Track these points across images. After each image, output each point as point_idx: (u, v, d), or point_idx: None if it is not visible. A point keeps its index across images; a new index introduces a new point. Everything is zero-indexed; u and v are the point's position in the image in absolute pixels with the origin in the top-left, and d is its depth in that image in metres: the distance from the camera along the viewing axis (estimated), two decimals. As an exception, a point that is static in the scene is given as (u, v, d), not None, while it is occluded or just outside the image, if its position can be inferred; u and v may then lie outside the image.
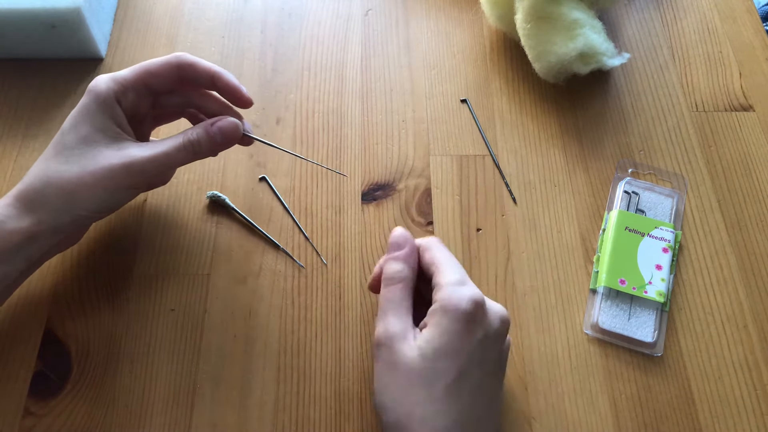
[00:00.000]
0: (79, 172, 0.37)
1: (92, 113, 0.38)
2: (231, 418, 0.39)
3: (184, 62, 0.40)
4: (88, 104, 0.38)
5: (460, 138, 0.50)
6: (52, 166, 0.37)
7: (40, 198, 0.36)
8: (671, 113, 0.52)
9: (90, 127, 0.37)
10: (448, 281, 0.34)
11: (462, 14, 0.57)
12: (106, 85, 0.38)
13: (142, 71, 0.39)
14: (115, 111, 0.38)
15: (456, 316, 0.33)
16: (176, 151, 0.38)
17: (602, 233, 0.46)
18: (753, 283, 0.45)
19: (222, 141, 0.40)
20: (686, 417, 0.40)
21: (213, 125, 0.39)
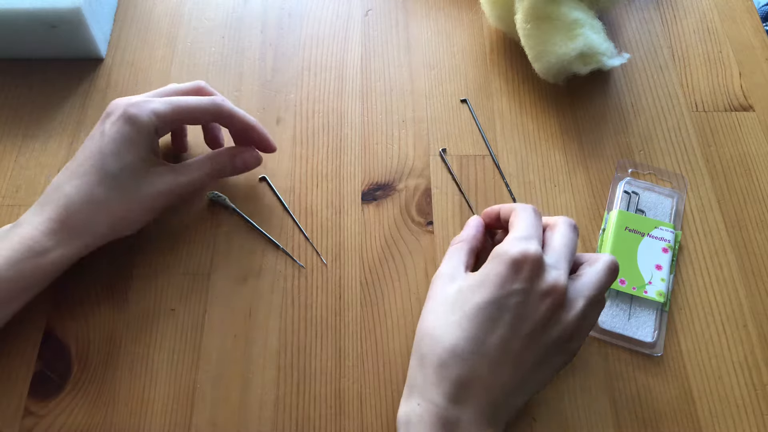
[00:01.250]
0: (127, 202, 0.39)
1: (135, 143, 0.39)
2: (231, 418, 0.39)
3: (224, 112, 0.42)
4: (130, 133, 0.39)
5: (460, 138, 0.50)
6: (97, 193, 0.38)
7: (88, 225, 0.38)
8: (671, 113, 0.52)
9: (133, 157, 0.39)
10: (513, 234, 0.36)
11: (462, 14, 0.57)
12: (149, 118, 0.39)
13: (182, 112, 0.41)
14: (154, 142, 0.41)
15: (501, 260, 0.35)
16: (205, 176, 0.42)
17: (602, 233, 0.46)
18: (753, 283, 0.45)
19: (244, 169, 0.45)
20: (686, 417, 0.40)
21: (237, 157, 0.44)
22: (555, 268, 0.35)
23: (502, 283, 0.34)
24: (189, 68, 0.53)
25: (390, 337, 0.42)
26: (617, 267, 0.37)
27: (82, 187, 0.38)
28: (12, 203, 0.46)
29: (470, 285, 0.35)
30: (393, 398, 0.40)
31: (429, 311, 0.36)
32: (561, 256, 0.36)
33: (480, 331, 0.34)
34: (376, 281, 0.44)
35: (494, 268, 0.35)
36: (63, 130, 0.49)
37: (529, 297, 0.34)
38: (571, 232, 0.38)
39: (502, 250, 0.35)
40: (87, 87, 0.52)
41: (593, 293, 0.36)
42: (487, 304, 0.34)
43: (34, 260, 0.37)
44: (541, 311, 0.34)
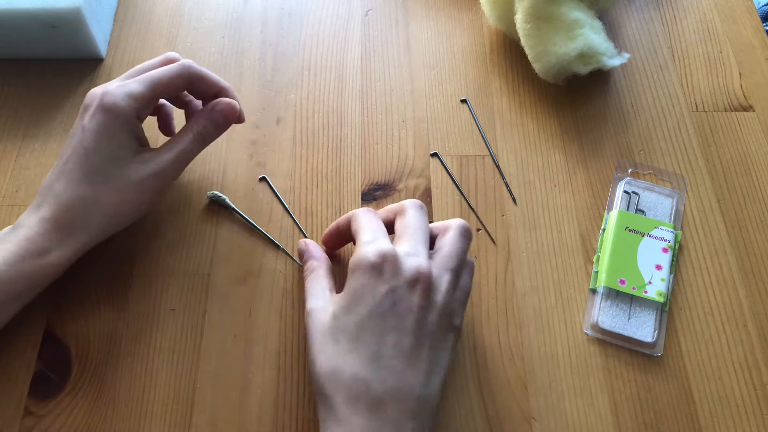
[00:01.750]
0: (117, 194, 0.38)
1: (115, 132, 0.38)
2: (231, 418, 0.39)
3: (194, 75, 0.41)
4: (108, 123, 0.38)
5: (460, 138, 0.50)
6: (85, 190, 0.37)
7: (81, 222, 0.38)
8: (671, 113, 0.52)
9: (115, 147, 0.38)
10: (359, 242, 0.36)
11: (462, 14, 0.57)
12: (126, 103, 0.38)
13: (157, 86, 0.39)
14: (136, 128, 0.40)
15: (360, 270, 0.35)
16: (190, 146, 0.41)
17: (602, 233, 0.46)
18: (753, 283, 0.45)
19: (224, 122, 0.42)
20: (686, 417, 0.40)
21: (213, 111, 0.42)
22: (412, 255, 0.35)
23: (371, 292, 0.34)
24: (189, 68, 0.53)
25: (390, 337, 0.42)
26: (467, 228, 0.38)
27: (70, 185, 0.37)
28: (12, 203, 0.46)
29: (342, 306, 0.35)
30: (393, 398, 0.40)
31: (316, 351, 0.34)
32: (414, 240, 0.36)
33: (371, 346, 0.33)
34: (376, 281, 0.44)
35: (357, 281, 0.34)
36: (63, 130, 0.49)
37: (399, 293, 0.34)
38: (418, 212, 0.38)
39: (357, 260, 0.35)
40: (87, 87, 0.52)
41: (455, 264, 0.36)
42: (366, 318, 0.33)
43: (33, 261, 0.36)
44: (415, 301, 0.34)
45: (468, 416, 0.40)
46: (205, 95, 0.43)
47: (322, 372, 0.34)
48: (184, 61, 0.41)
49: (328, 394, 0.33)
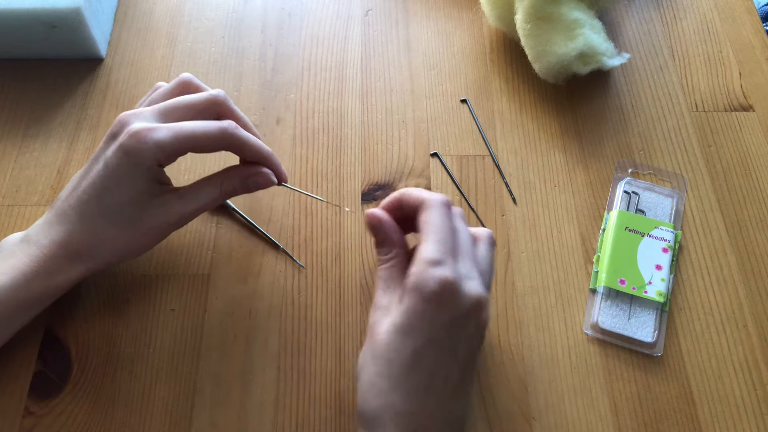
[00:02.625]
0: (130, 234, 0.38)
1: (134, 178, 0.37)
2: (231, 418, 0.39)
3: (235, 141, 0.39)
4: (128, 168, 0.36)
5: (460, 138, 0.50)
6: (99, 224, 0.37)
7: (92, 251, 0.38)
8: (671, 113, 0.52)
9: (134, 191, 0.37)
10: (424, 257, 0.33)
11: (462, 14, 0.57)
12: (151, 154, 0.36)
13: (187, 141, 0.37)
14: (158, 174, 0.38)
15: (421, 296, 0.32)
16: (214, 201, 0.40)
17: (602, 233, 0.46)
18: (753, 283, 0.45)
19: (257, 190, 0.41)
20: (686, 417, 0.40)
21: (249, 179, 0.40)
22: (469, 279, 0.33)
23: (429, 321, 0.32)
24: (189, 68, 0.53)
25: (390, 337, 0.42)
26: (494, 238, 0.38)
27: (84, 217, 0.37)
28: (12, 203, 0.46)
29: (400, 326, 0.33)
30: (393, 398, 0.40)
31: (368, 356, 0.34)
32: (468, 259, 0.34)
33: (424, 378, 0.32)
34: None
35: (415, 307, 0.32)
36: (63, 130, 0.49)
37: (457, 323, 0.33)
38: (463, 221, 0.37)
39: (420, 283, 0.32)
40: (87, 87, 0.52)
41: (491, 280, 0.37)
42: (422, 347, 0.32)
43: (41, 282, 0.37)
44: (471, 330, 0.33)
45: (468, 416, 0.40)
46: (243, 157, 0.41)
47: (371, 387, 0.33)
48: (225, 124, 0.38)
49: (373, 419, 0.32)
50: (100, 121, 0.50)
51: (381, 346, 0.33)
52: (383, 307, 0.35)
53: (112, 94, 0.51)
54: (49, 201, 0.46)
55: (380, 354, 0.33)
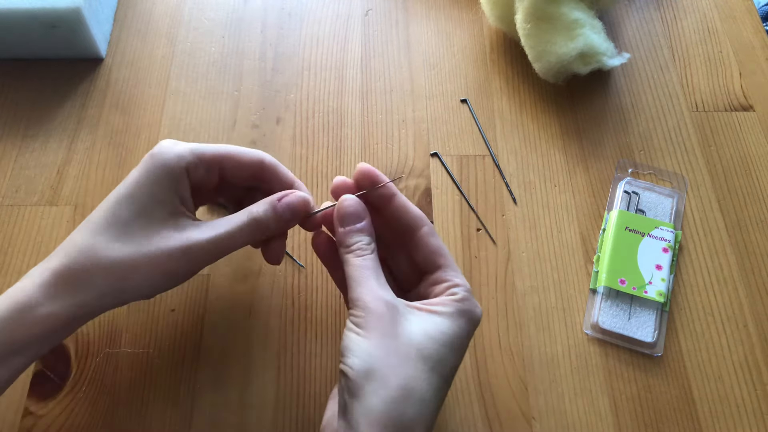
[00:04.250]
0: (132, 255, 0.32)
1: (155, 182, 0.33)
2: (231, 418, 0.39)
3: (269, 164, 0.36)
4: (150, 171, 0.33)
5: (461, 138, 0.50)
6: (101, 242, 0.32)
7: (84, 278, 0.31)
8: (671, 113, 0.52)
9: (150, 199, 0.32)
10: (464, 285, 0.33)
11: (462, 14, 0.57)
12: (177, 154, 0.33)
13: (225, 153, 0.35)
14: (181, 184, 0.34)
15: (472, 322, 0.32)
16: (239, 232, 0.33)
17: (602, 233, 0.46)
18: (753, 282, 0.45)
19: (291, 218, 0.35)
20: (686, 417, 0.40)
21: (281, 201, 0.35)
22: (473, 299, 0.34)
23: (464, 348, 0.32)
24: (189, 68, 0.53)
25: (390, 337, 0.42)
26: None
27: (87, 233, 0.32)
28: (12, 203, 0.46)
29: (444, 338, 0.31)
30: (393, 398, 0.40)
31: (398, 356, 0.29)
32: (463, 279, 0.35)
33: (445, 388, 0.31)
34: (376, 281, 0.44)
35: (465, 327, 0.32)
36: (63, 130, 0.49)
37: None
38: None
39: (471, 311, 0.32)
40: (87, 87, 0.52)
41: None
42: (454, 371, 0.32)
43: (20, 315, 0.30)
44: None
45: (468, 416, 0.40)
46: (274, 188, 0.37)
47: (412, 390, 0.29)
48: (261, 151, 0.37)
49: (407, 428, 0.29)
50: (100, 120, 0.50)
51: (424, 350, 0.30)
52: (393, 304, 0.31)
53: (112, 94, 0.51)
54: (49, 201, 0.46)
55: (422, 358, 0.30)
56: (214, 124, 0.50)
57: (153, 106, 0.51)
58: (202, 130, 0.50)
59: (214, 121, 0.50)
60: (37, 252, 0.44)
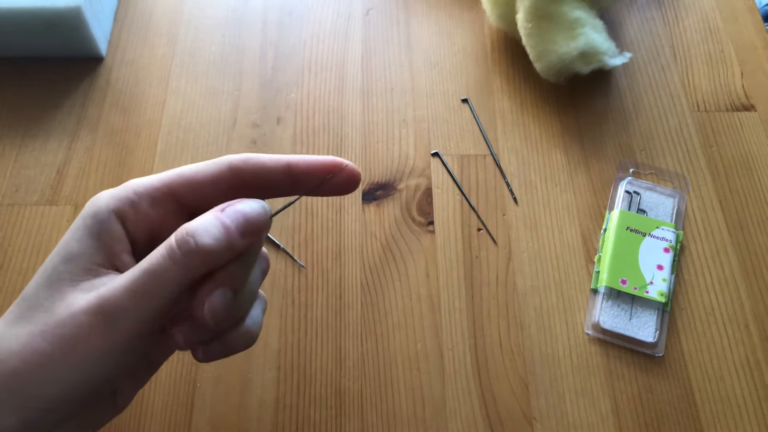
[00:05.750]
0: (25, 338, 0.22)
1: (70, 239, 0.24)
2: (231, 418, 0.39)
3: (239, 164, 0.26)
4: (72, 228, 0.25)
5: (461, 137, 0.50)
6: (1, 325, 0.23)
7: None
8: (673, 113, 0.52)
9: (60, 259, 0.24)
10: None
11: (463, 13, 0.57)
12: (106, 197, 0.25)
13: (175, 177, 0.26)
14: (109, 233, 0.25)
15: None
16: (164, 267, 0.23)
17: (603, 233, 0.46)
18: (754, 283, 0.45)
19: (243, 232, 0.24)
20: (687, 417, 0.40)
21: (224, 210, 0.24)
22: None
23: None
24: (189, 67, 0.53)
25: (391, 337, 0.42)
26: None
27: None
28: (11, 202, 0.46)
29: None
30: (394, 399, 0.40)
31: None
32: None
33: None
34: (376, 281, 0.44)
35: None
36: (63, 130, 0.49)
37: None
38: None
39: None
40: (87, 86, 0.51)
41: None
42: None
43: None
44: None
45: (468, 416, 0.40)
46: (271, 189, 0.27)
47: None
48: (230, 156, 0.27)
49: None
50: (99, 120, 0.50)
51: None
52: None
53: (112, 94, 0.51)
54: (49, 200, 0.46)
55: None
56: (214, 123, 0.50)
57: (153, 106, 0.51)
58: (202, 130, 0.50)
59: (214, 121, 0.50)
60: (37, 252, 0.44)
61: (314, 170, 0.27)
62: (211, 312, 0.23)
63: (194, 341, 0.25)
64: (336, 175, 0.27)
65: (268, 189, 0.27)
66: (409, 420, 0.40)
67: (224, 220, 0.23)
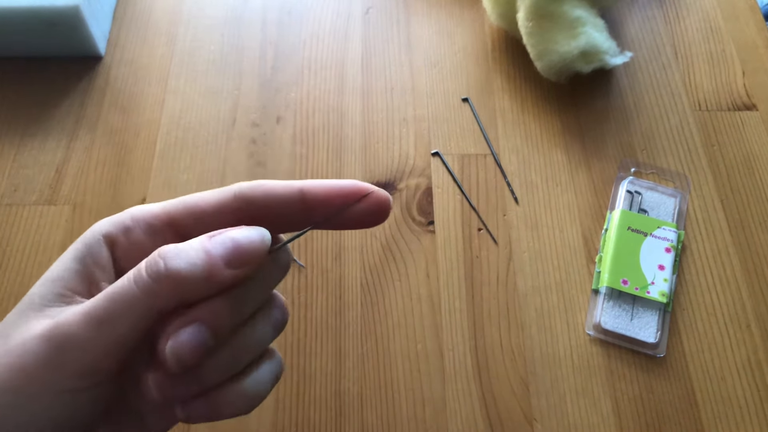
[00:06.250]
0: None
1: (60, 261, 0.23)
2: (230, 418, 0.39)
3: (247, 193, 0.23)
4: (69, 248, 0.23)
5: (462, 137, 0.50)
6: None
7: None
8: (674, 112, 0.52)
9: (39, 282, 0.22)
10: None
11: (463, 12, 0.57)
12: (102, 222, 0.23)
13: (178, 207, 0.24)
14: (93, 258, 0.22)
15: None
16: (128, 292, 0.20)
17: (604, 233, 0.46)
18: (756, 283, 0.44)
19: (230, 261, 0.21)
20: (689, 418, 0.40)
21: (212, 238, 0.21)
22: None
23: None
24: (189, 67, 0.53)
25: (391, 337, 0.42)
26: None
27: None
28: (10, 202, 0.46)
29: None
30: (394, 400, 0.40)
31: None
32: None
33: None
34: (376, 281, 0.44)
35: None
36: (62, 129, 0.49)
37: None
38: None
39: None
40: (86, 85, 0.51)
41: None
42: None
43: None
44: None
45: (469, 417, 0.39)
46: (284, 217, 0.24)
47: None
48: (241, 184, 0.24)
49: None
50: (99, 119, 0.50)
51: None
52: None
53: (111, 93, 0.51)
54: (48, 200, 0.46)
55: None
56: (213, 122, 0.50)
57: (152, 105, 0.51)
58: (201, 129, 0.50)
59: (214, 120, 0.50)
60: (35, 252, 0.44)
61: (332, 197, 0.23)
62: (175, 350, 0.19)
63: (171, 394, 0.21)
64: (359, 203, 0.23)
65: (280, 220, 0.23)
66: (409, 421, 0.39)
67: (206, 245, 0.20)
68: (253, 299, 0.22)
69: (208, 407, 0.21)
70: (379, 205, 0.23)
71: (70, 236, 0.45)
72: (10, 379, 0.19)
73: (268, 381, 0.23)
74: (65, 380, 0.20)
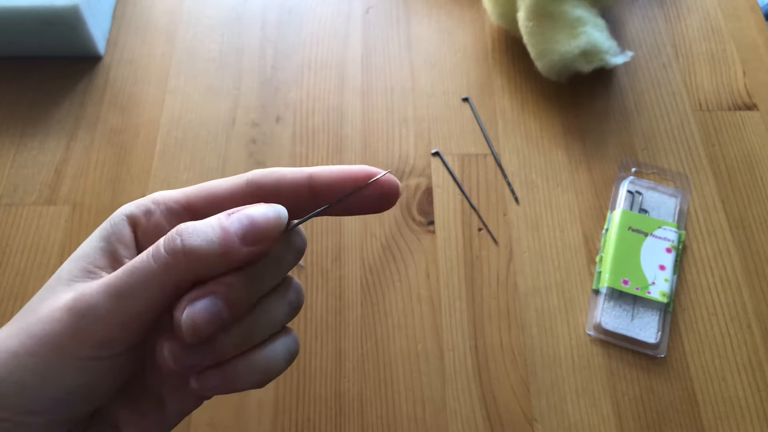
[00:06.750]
0: (2, 339, 0.21)
1: (88, 240, 0.24)
2: (231, 418, 0.39)
3: (259, 180, 0.24)
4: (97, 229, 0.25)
5: (462, 137, 0.50)
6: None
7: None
8: (674, 112, 0.52)
9: (68, 260, 0.24)
10: None
11: (464, 12, 0.57)
12: (127, 204, 0.24)
13: (196, 192, 0.25)
14: (117, 236, 0.24)
15: None
16: (146, 267, 0.21)
17: (605, 233, 0.46)
18: (757, 283, 0.44)
19: (245, 238, 0.21)
20: (689, 418, 0.40)
21: (231, 215, 0.22)
22: None
23: None
24: (188, 66, 0.53)
25: (391, 337, 0.42)
26: None
27: None
28: (9, 202, 0.46)
29: None
30: (394, 400, 0.40)
31: None
32: None
33: None
34: (376, 281, 0.44)
35: None
36: (61, 129, 0.49)
37: None
38: None
39: None
40: (85, 85, 0.51)
41: None
42: None
43: None
44: None
45: (469, 417, 0.39)
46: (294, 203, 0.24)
47: None
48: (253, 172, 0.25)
49: None
50: (98, 119, 0.50)
51: None
52: None
53: (110, 93, 0.51)
54: (47, 200, 0.46)
55: None
56: (213, 122, 0.50)
57: (152, 105, 0.50)
58: (201, 129, 0.49)
59: (214, 120, 0.50)
60: (35, 252, 0.44)
61: (339, 182, 0.23)
62: (190, 321, 0.20)
63: (185, 362, 0.21)
64: (366, 188, 0.23)
65: (289, 205, 0.23)
66: (409, 421, 0.39)
67: (223, 222, 0.21)
68: (269, 277, 0.23)
69: (221, 378, 0.22)
70: (386, 189, 0.24)
71: (69, 236, 0.45)
72: (32, 345, 0.20)
73: (282, 357, 0.24)
74: (84, 349, 0.21)
